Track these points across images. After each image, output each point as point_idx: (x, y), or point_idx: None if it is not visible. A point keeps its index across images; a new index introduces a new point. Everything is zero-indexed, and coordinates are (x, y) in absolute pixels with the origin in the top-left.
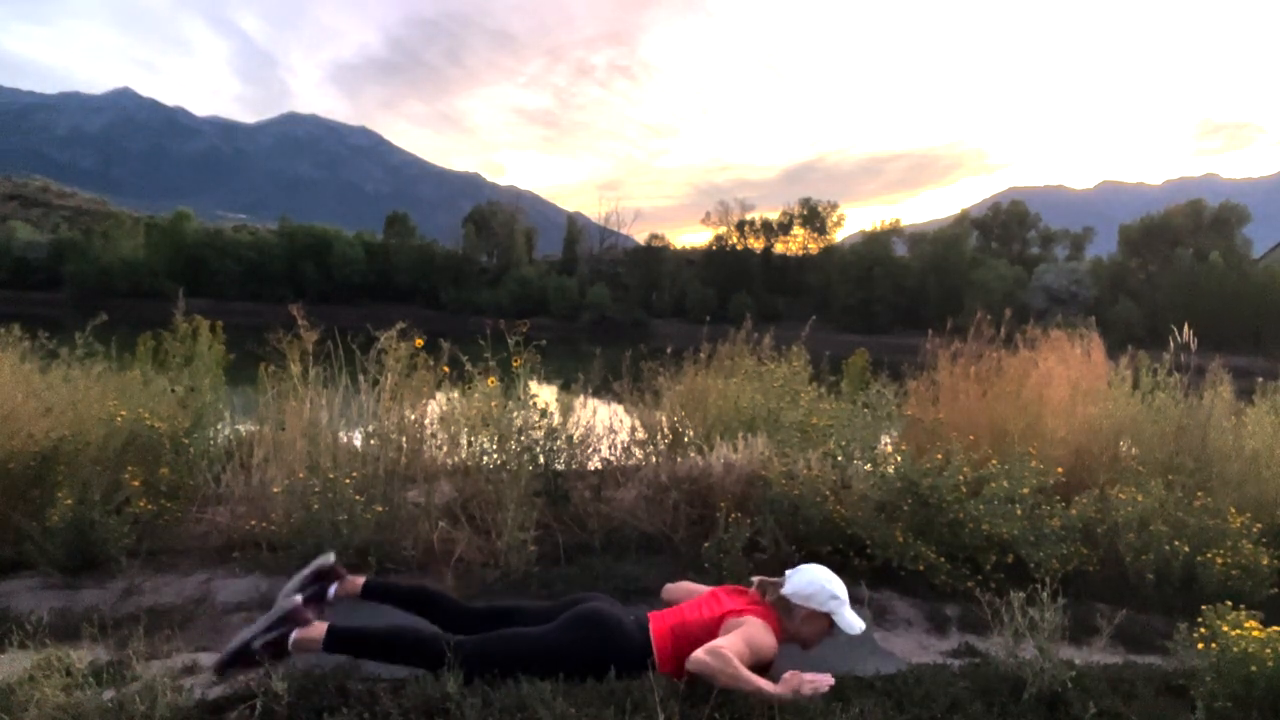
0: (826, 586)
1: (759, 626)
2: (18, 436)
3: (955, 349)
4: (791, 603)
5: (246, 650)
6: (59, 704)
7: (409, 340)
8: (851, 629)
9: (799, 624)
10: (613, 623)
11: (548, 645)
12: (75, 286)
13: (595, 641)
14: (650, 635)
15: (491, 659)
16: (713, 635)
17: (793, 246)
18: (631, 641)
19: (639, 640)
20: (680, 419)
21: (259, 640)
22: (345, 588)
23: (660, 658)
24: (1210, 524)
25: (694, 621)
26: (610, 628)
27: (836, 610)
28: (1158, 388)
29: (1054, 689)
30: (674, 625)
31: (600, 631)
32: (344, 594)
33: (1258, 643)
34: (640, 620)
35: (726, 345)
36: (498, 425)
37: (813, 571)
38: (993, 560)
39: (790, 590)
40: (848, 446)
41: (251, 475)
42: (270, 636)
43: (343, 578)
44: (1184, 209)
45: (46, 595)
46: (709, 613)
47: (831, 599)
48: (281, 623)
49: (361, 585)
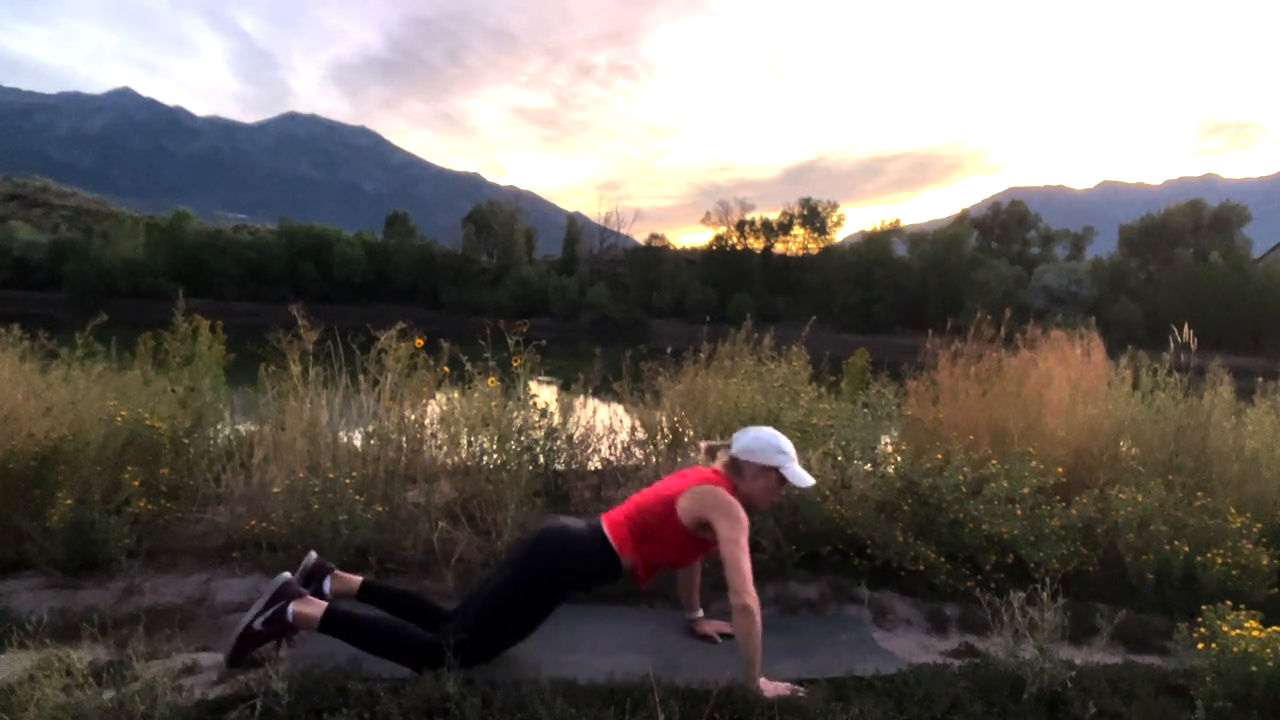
0: (774, 441)
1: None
2: (18, 436)
3: (955, 349)
4: (740, 460)
5: (249, 633)
6: (59, 704)
7: (409, 340)
8: (801, 481)
9: (749, 482)
10: (564, 532)
11: (515, 585)
12: (75, 286)
13: (555, 557)
14: (606, 531)
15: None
16: (669, 510)
17: (793, 246)
18: (590, 545)
19: (597, 542)
20: (680, 419)
21: (258, 620)
22: (341, 583)
23: (620, 547)
24: (1210, 524)
25: (648, 504)
26: (563, 538)
27: (784, 465)
28: (1158, 388)
29: (1054, 689)
30: (629, 514)
31: (554, 545)
32: (340, 590)
33: (1258, 643)
34: (592, 523)
35: (726, 345)
36: (498, 425)
37: (759, 429)
38: (993, 560)
39: (738, 448)
40: (848, 446)
41: (251, 475)
42: (269, 613)
43: (332, 571)
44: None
45: (46, 595)
46: (663, 490)
47: (779, 453)
48: (276, 598)
49: (359, 585)
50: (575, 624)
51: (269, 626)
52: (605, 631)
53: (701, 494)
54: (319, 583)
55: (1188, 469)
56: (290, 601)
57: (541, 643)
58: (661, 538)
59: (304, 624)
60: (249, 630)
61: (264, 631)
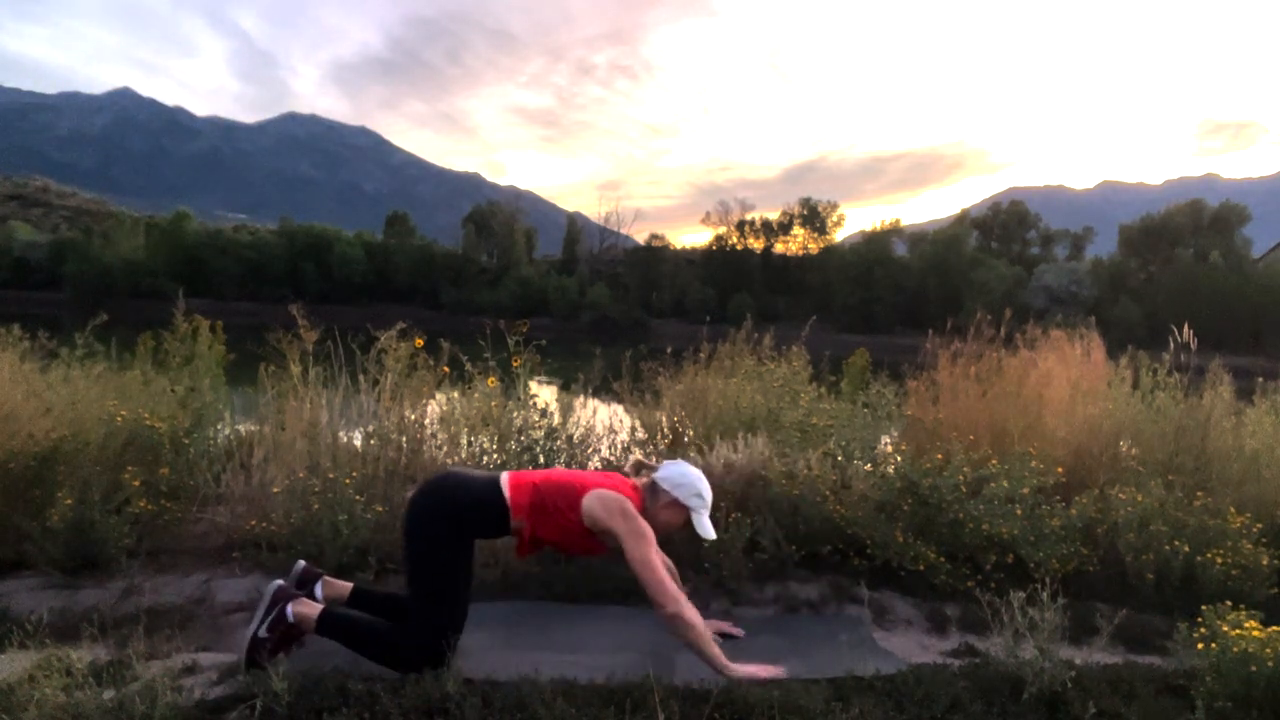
0: (696, 484)
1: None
2: (18, 436)
3: (955, 349)
4: (659, 486)
5: (256, 642)
6: (59, 704)
7: (409, 340)
8: (706, 533)
9: (658, 509)
10: (450, 478)
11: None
12: (75, 286)
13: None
14: (505, 487)
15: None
16: (574, 500)
17: (793, 246)
18: (483, 492)
19: (490, 492)
20: (680, 419)
21: (261, 628)
22: (332, 589)
23: (515, 508)
24: (1210, 524)
25: (559, 483)
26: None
27: (697, 508)
28: (1158, 388)
29: (1054, 689)
30: (537, 483)
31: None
32: (331, 596)
33: (1258, 643)
34: (492, 477)
35: (726, 345)
36: (498, 425)
37: (687, 467)
38: (993, 560)
39: (662, 475)
40: (848, 446)
41: (251, 475)
42: (269, 618)
43: (322, 577)
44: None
45: (46, 595)
46: (576, 480)
47: (695, 496)
48: (274, 603)
49: (350, 591)
50: (575, 624)
51: (273, 630)
52: (605, 631)
53: (608, 502)
54: (310, 588)
55: (1188, 469)
56: (288, 604)
57: (542, 643)
58: (556, 520)
59: (303, 625)
60: (256, 640)
61: (270, 637)
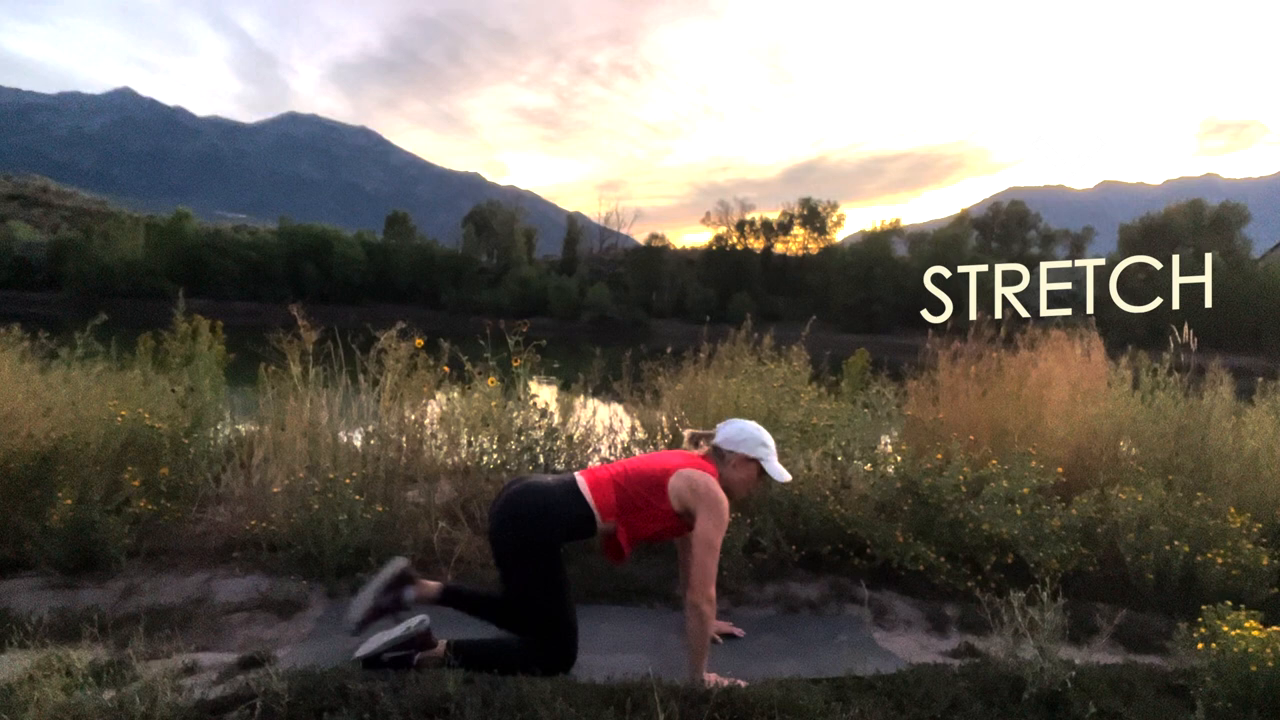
0: (757, 434)
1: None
2: (18, 436)
3: (955, 349)
4: (722, 450)
5: (376, 660)
6: (59, 704)
7: (409, 340)
8: (779, 476)
9: (730, 471)
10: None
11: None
12: (75, 286)
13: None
14: (585, 491)
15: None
16: (659, 487)
17: (793, 246)
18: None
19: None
20: (680, 419)
21: (388, 655)
22: (421, 591)
23: (603, 511)
24: (1210, 524)
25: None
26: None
27: (765, 457)
28: (1158, 388)
29: (1054, 689)
30: (617, 478)
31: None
32: (420, 598)
33: (1258, 643)
34: (565, 479)
35: (726, 345)
36: (498, 425)
37: (743, 421)
38: (993, 560)
39: (722, 438)
40: (848, 446)
41: (251, 475)
42: (398, 655)
43: (415, 580)
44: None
45: (46, 595)
46: (655, 464)
47: (760, 446)
48: (411, 644)
49: (438, 591)
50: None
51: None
52: (605, 631)
53: (695, 482)
54: (401, 590)
55: (1188, 469)
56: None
57: None
58: (647, 513)
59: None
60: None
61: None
